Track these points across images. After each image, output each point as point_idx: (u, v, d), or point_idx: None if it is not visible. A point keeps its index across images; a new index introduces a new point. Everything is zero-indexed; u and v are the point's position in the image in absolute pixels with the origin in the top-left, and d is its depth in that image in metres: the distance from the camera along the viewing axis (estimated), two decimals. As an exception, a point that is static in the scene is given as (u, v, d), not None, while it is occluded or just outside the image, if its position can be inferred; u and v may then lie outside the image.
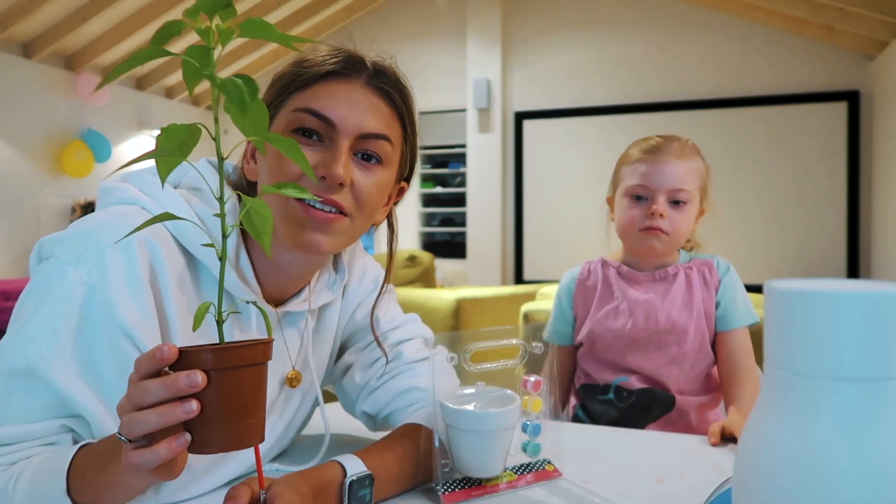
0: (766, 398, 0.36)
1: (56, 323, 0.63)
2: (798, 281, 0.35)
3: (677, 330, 1.20)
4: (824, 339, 0.32)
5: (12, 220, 4.50)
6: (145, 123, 5.56)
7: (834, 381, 0.32)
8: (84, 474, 0.59)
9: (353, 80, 0.76)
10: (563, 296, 1.33)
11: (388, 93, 0.77)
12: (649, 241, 1.20)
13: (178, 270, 0.71)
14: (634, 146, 1.26)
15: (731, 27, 5.07)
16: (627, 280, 1.26)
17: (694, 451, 0.92)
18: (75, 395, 0.63)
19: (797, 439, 0.33)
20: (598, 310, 1.27)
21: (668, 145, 1.21)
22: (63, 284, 0.64)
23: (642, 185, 1.20)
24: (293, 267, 0.80)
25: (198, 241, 0.71)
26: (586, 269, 1.33)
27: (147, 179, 0.75)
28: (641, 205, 1.20)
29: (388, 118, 0.77)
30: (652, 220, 1.18)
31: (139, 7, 4.66)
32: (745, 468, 0.36)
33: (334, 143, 0.73)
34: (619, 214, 1.24)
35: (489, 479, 0.76)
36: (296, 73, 0.76)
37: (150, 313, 0.67)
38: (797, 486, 0.33)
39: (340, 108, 0.74)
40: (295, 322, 0.85)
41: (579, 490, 0.77)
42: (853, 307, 0.32)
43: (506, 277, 5.58)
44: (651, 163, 1.20)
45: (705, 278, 1.23)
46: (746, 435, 0.37)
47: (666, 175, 1.18)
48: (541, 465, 0.81)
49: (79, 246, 0.66)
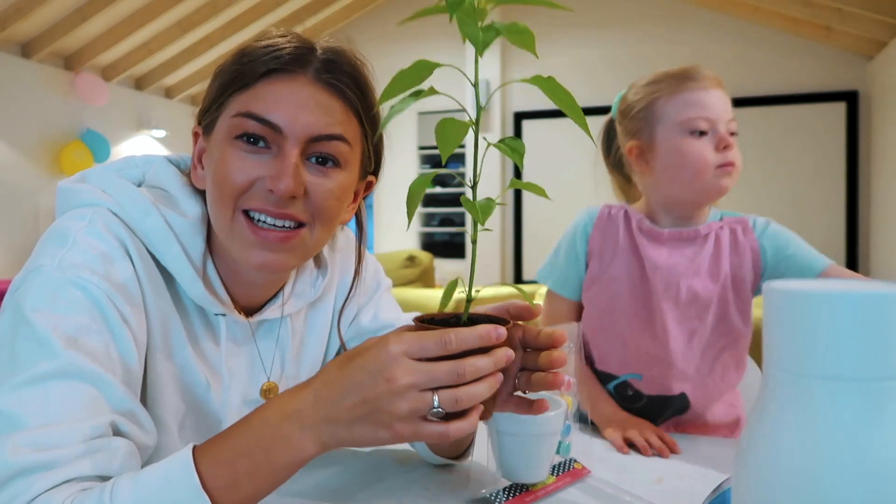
0: (765, 398, 0.36)
1: (64, 325, 0.59)
2: (798, 281, 0.35)
3: (699, 302, 1.04)
4: (824, 339, 0.32)
5: (11, 220, 4.50)
6: (145, 124, 5.55)
7: (834, 381, 0.32)
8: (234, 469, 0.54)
9: (299, 77, 0.68)
10: (577, 237, 1.12)
11: (339, 88, 0.69)
12: (725, 180, 1.01)
13: (151, 273, 0.68)
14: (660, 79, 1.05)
15: (730, 27, 5.07)
16: (648, 236, 1.08)
17: (693, 451, 0.92)
18: (114, 390, 0.59)
19: (797, 439, 0.33)
20: (612, 266, 1.08)
21: (702, 70, 1.04)
22: (53, 287, 0.60)
23: (703, 116, 1.00)
24: (259, 279, 0.76)
25: (167, 248, 0.68)
26: (606, 213, 1.12)
27: (111, 180, 0.70)
28: (705, 139, 1.01)
29: (342, 116, 0.69)
30: (726, 155, 1.00)
31: (138, 7, 4.65)
32: (745, 468, 0.36)
33: (282, 150, 0.67)
34: (685, 154, 1.01)
35: (534, 484, 0.75)
36: (235, 71, 0.69)
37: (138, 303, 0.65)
38: (797, 485, 0.33)
39: (286, 111, 0.66)
40: (272, 330, 0.80)
41: (610, 489, 0.77)
42: (853, 307, 0.32)
43: (505, 277, 5.58)
44: (702, 90, 1.01)
45: (737, 239, 1.06)
46: (746, 435, 0.37)
47: (720, 102, 1.01)
48: (570, 465, 0.81)
49: (60, 248, 0.63)
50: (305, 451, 0.56)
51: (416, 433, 0.55)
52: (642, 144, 1.07)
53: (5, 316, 0.61)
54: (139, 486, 0.52)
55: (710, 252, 1.05)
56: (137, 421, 0.61)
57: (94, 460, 0.54)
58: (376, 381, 0.54)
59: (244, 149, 0.67)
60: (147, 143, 5.61)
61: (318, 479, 0.79)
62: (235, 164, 0.67)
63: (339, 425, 0.55)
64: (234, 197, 0.67)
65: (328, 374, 0.58)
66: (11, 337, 0.58)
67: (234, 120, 0.67)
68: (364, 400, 0.54)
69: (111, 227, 0.66)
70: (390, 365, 0.54)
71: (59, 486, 0.52)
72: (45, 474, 0.51)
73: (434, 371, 0.54)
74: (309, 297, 0.82)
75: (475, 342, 0.55)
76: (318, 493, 0.75)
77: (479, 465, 0.80)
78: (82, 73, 4.90)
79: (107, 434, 0.57)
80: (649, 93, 1.05)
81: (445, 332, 0.55)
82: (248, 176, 0.67)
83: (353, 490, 0.76)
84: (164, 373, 0.70)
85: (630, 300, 1.07)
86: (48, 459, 0.52)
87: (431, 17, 0.51)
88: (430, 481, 0.79)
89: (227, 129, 0.68)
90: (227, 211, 0.68)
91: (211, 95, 0.71)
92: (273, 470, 0.55)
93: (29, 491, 0.51)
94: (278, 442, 0.56)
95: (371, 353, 0.56)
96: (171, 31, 5.03)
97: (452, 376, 0.54)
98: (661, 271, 1.04)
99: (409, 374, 0.54)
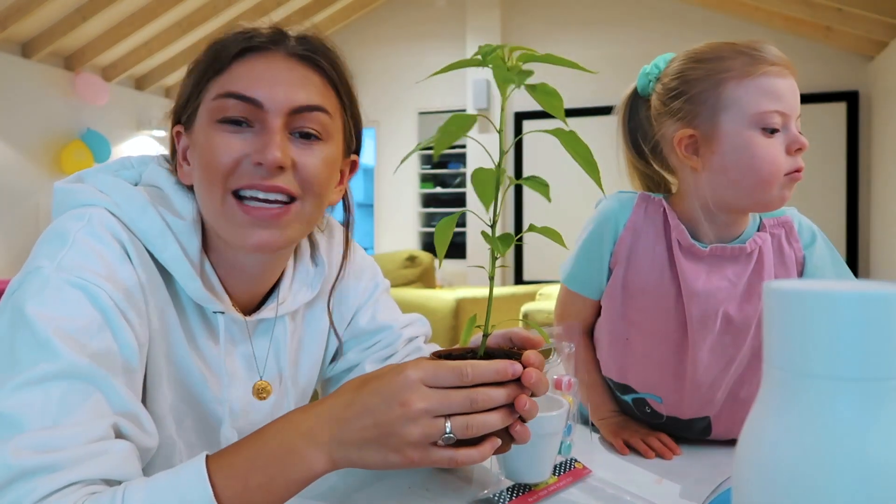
0: (766, 398, 0.36)
1: (65, 324, 0.58)
2: (798, 281, 0.35)
3: (736, 328, 0.89)
4: (824, 339, 0.32)
5: (11, 220, 4.50)
6: (145, 124, 5.55)
7: (834, 381, 0.32)
8: (246, 482, 0.55)
9: (274, 53, 0.69)
10: (605, 235, 0.94)
11: (314, 60, 0.71)
12: (789, 190, 0.85)
13: (150, 273, 0.68)
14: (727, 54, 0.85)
15: (730, 27, 5.08)
16: (687, 253, 0.90)
17: (693, 451, 0.92)
18: (119, 392, 0.59)
19: (797, 439, 0.33)
20: (642, 277, 0.92)
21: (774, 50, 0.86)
22: (53, 288, 0.60)
23: (779, 110, 0.83)
24: (255, 268, 0.75)
25: (166, 247, 0.68)
26: (642, 210, 0.93)
27: (108, 180, 0.70)
28: (777, 138, 0.83)
29: (320, 87, 0.71)
30: (797, 160, 0.84)
31: (138, 7, 4.65)
32: (745, 468, 0.36)
33: (265, 124, 0.67)
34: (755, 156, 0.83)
35: (537, 485, 0.75)
36: (211, 58, 0.69)
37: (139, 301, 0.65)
38: (797, 485, 0.33)
39: (264, 86, 0.67)
40: (269, 329, 0.80)
41: (611, 489, 0.77)
42: (853, 307, 0.32)
43: (505, 278, 5.58)
44: (778, 77, 0.83)
45: (782, 248, 0.91)
46: (746, 435, 0.37)
47: (794, 93, 0.85)
48: (571, 464, 0.81)
49: (59, 249, 0.62)
50: (316, 468, 0.57)
51: (425, 458, 0.56)
52: (699, 135, 0.87)
53: (3, 317, 0.60)
54: (151, 492, 0.52)
55: (753, 269, 0.89)
56: (139, 422, 0.61)
57: (98, 463, 0.54)
58: (391, 406, 0.55)
59: (228, 130, 0.68)
60: (147, 143, 5.61)
61: (320, 480, 0.79)
62: (221, 146, 0.67)
63: (351, 447, 0.56)
64: (223, 178, 0.67)
65: (344, 396, 0.59)
66: (11, 338, 0.58)
67: (215, 103, 0.68)
68: (377, 423, 0.55)
69: (109, 226, 0.66)
70: (406, 390, 0.55)
71: (64, 490, 0.51)
72: (49, 477, 0.51)
73: (448, 398, 0.55)
74: (306, 296, 0.82)
75: (491, 376, 0.56)
76: (319, 493, 0.75)
77: (482, 466, 0.80)
78: (82, 73, 4.90)
79: (108, 436, 0.56)
80: (715, 71, 0.85)
81: (463, 364, 0.56)
82: (235, 154, 0.67)
83: (355, 490, 0.76)
84: (162, 371, 0.70)
85: (660, 321, 0.91)
86: (50, 462, 0.52)
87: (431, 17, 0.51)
88: (432, 482, 0.79)
89: (208, 113, 0.69)
90: (216, 194, 0.68)
91: (187, 89, 0.72)
92: (285, 484, 0.56)
93: (33, 494, 0.50)
94: (291, 458, 0.56)
95: (388, 377, 0.57)
96: (171, 31, 5.04)
97: (466, 403, 0.55)
98: (699, 297, 0.88)
99: (423, 401, 0.55)
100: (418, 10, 5.95)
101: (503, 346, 0.67)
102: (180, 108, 0.73)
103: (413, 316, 0.95)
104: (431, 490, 0.77)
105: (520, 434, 0.60)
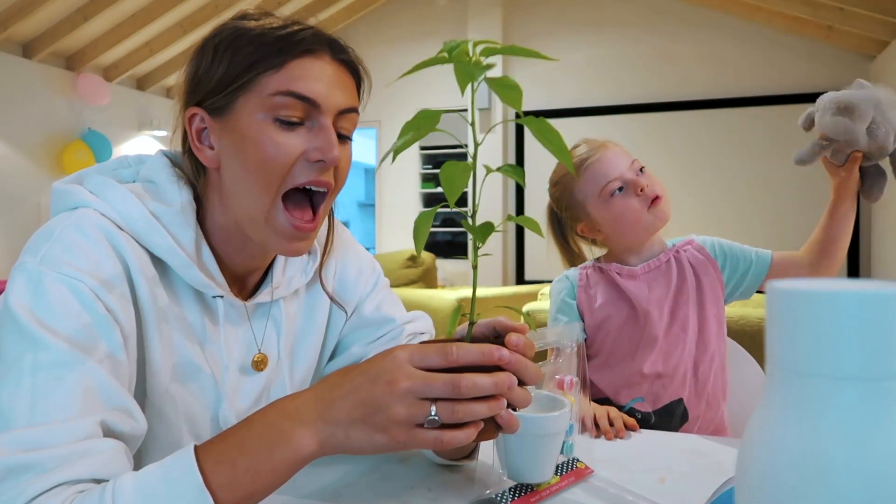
0: (767, 398, 0.36)
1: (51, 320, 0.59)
2: (800, 280, 0.35)
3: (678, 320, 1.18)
4: (825, 338, 0.32)
5: (12, 220, 4.50)
6: (146, 124, 5.56)
7: (835, 380, 0.32)
8: (235, 467, 0.55)
9: (322, 55, 0.72)
10: (565, 300, 1.27)
11: (351, 65, 0.76)
12: (659, 211, 1.18)
13: (144, 265, 0.69)
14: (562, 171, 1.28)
15: (731, 27, 5.07)
16: (627, 277, 1.22)
17: (695, 451, 0.92)
18: (106, 383, 0.59)
19: (799, 439, 0.33)
20: (604, 312, 1.22)
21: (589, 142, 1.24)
22: (35, 281, 0.61)
23: (611, 178, 1.18)
24: (257, 256, 0.79)
25: (156, 239, 0.69)
26: (584, 274, 1.28)
27: (97, 180, 0.72)
28: (625, 193, 1.18)
29: (353, 90, 0.76)
30: (647, 195, 1.17)
31: (139, 7, 4.66)
32: (748, 468, 0.36)
33: (318, 123, 0.71)
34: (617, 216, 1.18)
35: (539, 484, 0.75)
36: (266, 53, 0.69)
37: (126, 298, 0.66)
38: (799, 485, 0.33)
39: (320, 87, 0.70)
40: (266, 312, 0.82)
41: (613, 489, 0.77)
42: (854, 307, 0.32)
43: (507, 277, 5.58)
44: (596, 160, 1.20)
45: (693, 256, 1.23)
46: (748, 434, 0.37)
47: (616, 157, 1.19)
48: (573, 464, 0.81)
49: (43, 245, 0.64)
50: (304, 449, 0.57)
51: (411, 438, 0.56)
52: (585, 224, 1.26)
53: None
54: (141, 484, 0.52)
55: (677, 272, 1.21)
56: (128, 411, 0.61)
57: (86, 462, 0.54)
58: (376, 383, 0.56)
59: (283, 128, 0.69)
60: (148, 142, 5.62)
61: (321, 480, 0.79)
62: (282, 144, 0.69)
63: (338, 426, 0.57)
64: (279, 178, 0.70)
65: (331, 379, 0.60)
66: None
67: (273, 99, 0.69)
68: (363, 401, 0.56)
69: (98, 224, 0.67)
70: (393, 369, 0.56)
71: (52, 490, 0.51)
72: (37, 477, 0.51)
73: (432, 379, 0.56)
74: (300, 280, 0.84)
75: (476, 357, 0.57)
76: (320, 493, 0.76)
77: (484, 466, 0.80)
78: (84, 73, 4.90)
79: (97, 433, 0.56)
80: (562, 187, 1.27)
81: (448, 344, 0.57)
82: (296, 152, 0.70)
83: (356, 490, 0.77)
84: (163, 360, 0.71)
85: (630, 337, 1.19)
86: (38, 460, 0.52)
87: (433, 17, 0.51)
88: (434, 482, 0.79)
89: (262, 108, 0.69)
90: (266, 198, 0.70)
91: (216, 74, 0.70)
92: (273, 467, 0.56)
93: (22, 495, 0.50)
94: (278, 439, 0.56)
95: (375, 359, 0.58)
96: (172, 30, 5.04)
97: (448, 387, 0.55)
98: (648, 304, 1.18)
99: (408, 379, 0.55)
100: (419, 10, 5.95)
101: (488, 335, 0.67)
102: (207, 92, 0.71)
103: (416, 313, 0.96)
104: (433, 490, 0.77)
105: (506, 421, 0.60)
